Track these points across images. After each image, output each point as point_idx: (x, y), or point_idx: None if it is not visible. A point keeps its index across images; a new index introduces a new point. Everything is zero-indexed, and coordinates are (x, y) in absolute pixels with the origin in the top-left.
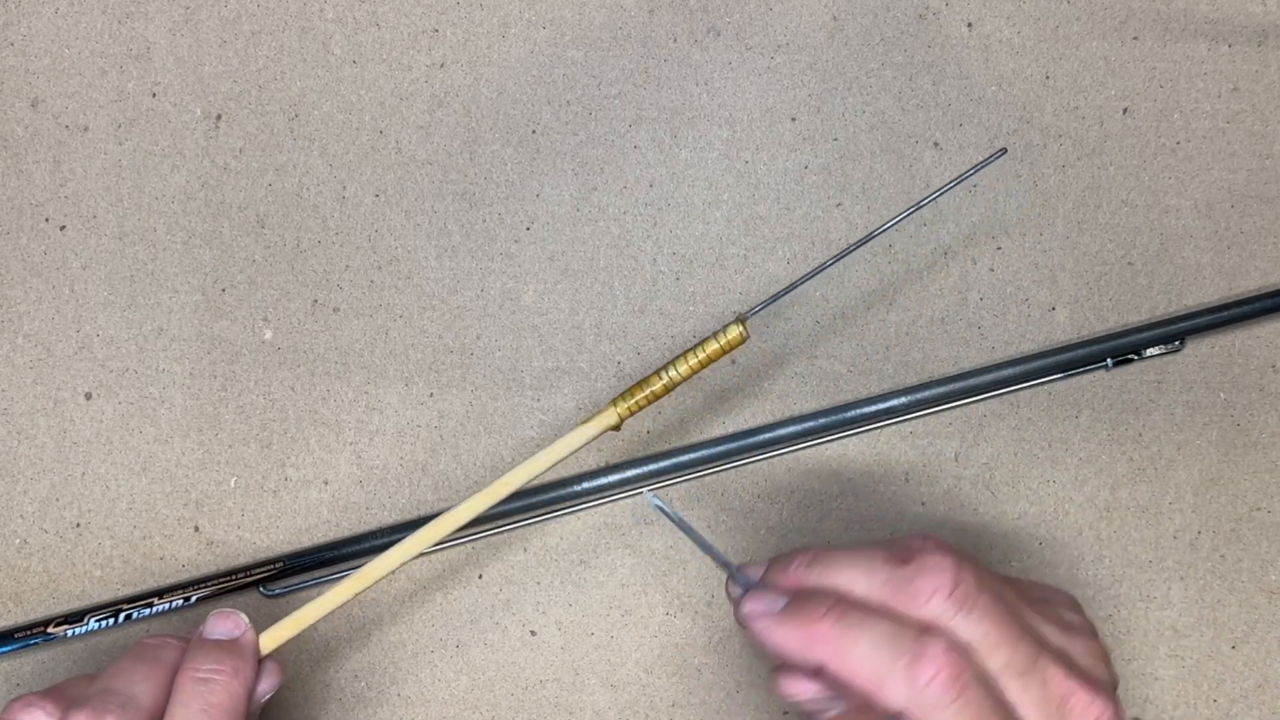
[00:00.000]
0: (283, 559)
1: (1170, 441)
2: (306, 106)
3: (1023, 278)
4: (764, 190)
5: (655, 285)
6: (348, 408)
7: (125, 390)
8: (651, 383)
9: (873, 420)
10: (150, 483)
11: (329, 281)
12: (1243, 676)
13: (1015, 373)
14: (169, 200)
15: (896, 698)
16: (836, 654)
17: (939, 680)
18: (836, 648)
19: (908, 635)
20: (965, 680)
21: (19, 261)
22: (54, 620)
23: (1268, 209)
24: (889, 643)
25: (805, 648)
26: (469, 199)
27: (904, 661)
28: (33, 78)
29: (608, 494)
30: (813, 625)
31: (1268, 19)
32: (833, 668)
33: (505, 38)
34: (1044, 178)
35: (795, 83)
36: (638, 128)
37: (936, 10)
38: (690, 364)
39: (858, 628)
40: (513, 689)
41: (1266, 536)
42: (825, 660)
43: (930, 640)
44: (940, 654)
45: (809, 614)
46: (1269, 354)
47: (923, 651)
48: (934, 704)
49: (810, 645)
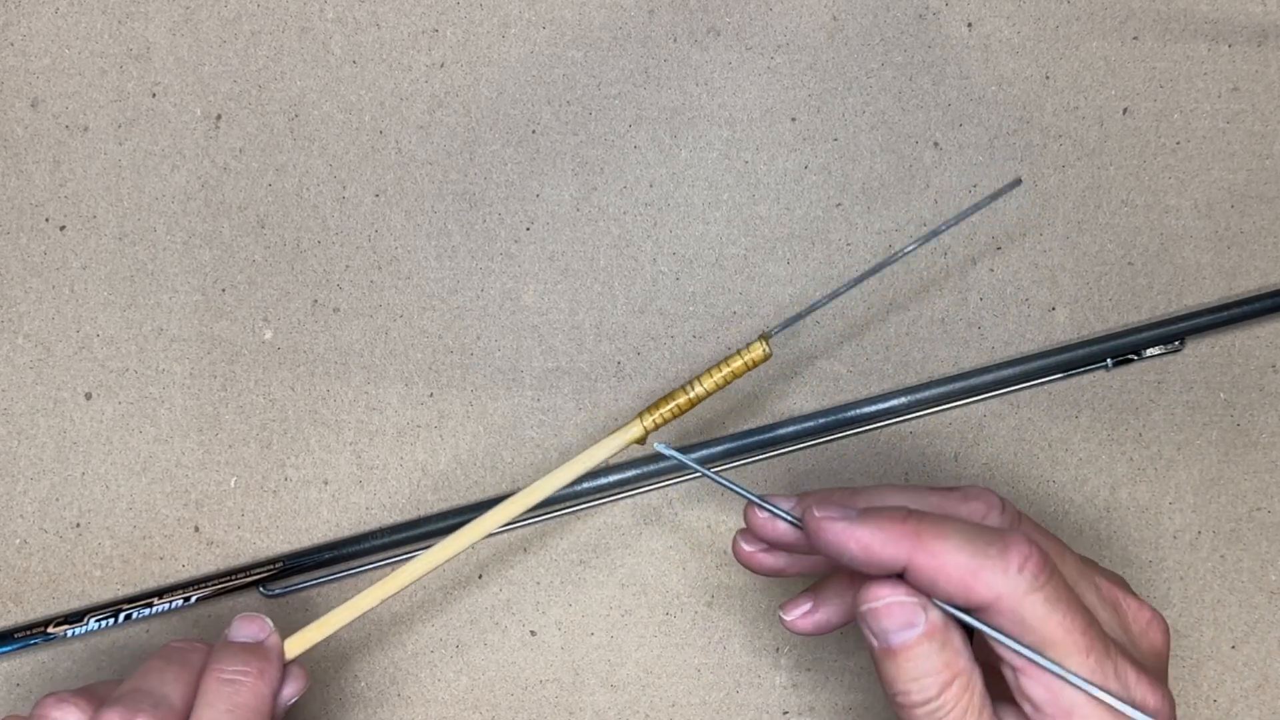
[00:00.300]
0: (283, 559)
1: (1170, 441)
2: (306, 106)
3: (1023, 278)
4: (764, 190)
5: (655, 285)
6: (348, 408)
7: (125, 390)
8: (676, 396)
9: (873, 420)
10: (150, 483)
11: (329, 281)
12: (1243, 676)
13: (1015, 373)
14: (169, 200)
15: (991, 586)
16: (926, 550)
17: (1031, 564)
18: (926, 544)
19: (990, 531)
20: (1052, 567)
21: (19, 261)
22: (54, 620)
23: (1268, 209)
24: (976, 535)
25: (892, 544)
26: (469, 199)
27: (995, 550)
28: (33, 78)
29: (608, 494)
30: (897, 525)
31: (1268, 19)
32: (923, 563)
33: (505, 38)
34: (1044, 178)
35: (795, 83)
36: (638, 128)
37: (936, 10)
38: (715, 379)
39: (944, 525)
40: (513, 689)
41: (1266, 536)
42: (913, 558)
43: (1012, 533)
44: (1025, 543)
45: (890, 516)
46: (1269, 354)
47: (1010, 542)
48: (1028, 588)
49: (897, 541)
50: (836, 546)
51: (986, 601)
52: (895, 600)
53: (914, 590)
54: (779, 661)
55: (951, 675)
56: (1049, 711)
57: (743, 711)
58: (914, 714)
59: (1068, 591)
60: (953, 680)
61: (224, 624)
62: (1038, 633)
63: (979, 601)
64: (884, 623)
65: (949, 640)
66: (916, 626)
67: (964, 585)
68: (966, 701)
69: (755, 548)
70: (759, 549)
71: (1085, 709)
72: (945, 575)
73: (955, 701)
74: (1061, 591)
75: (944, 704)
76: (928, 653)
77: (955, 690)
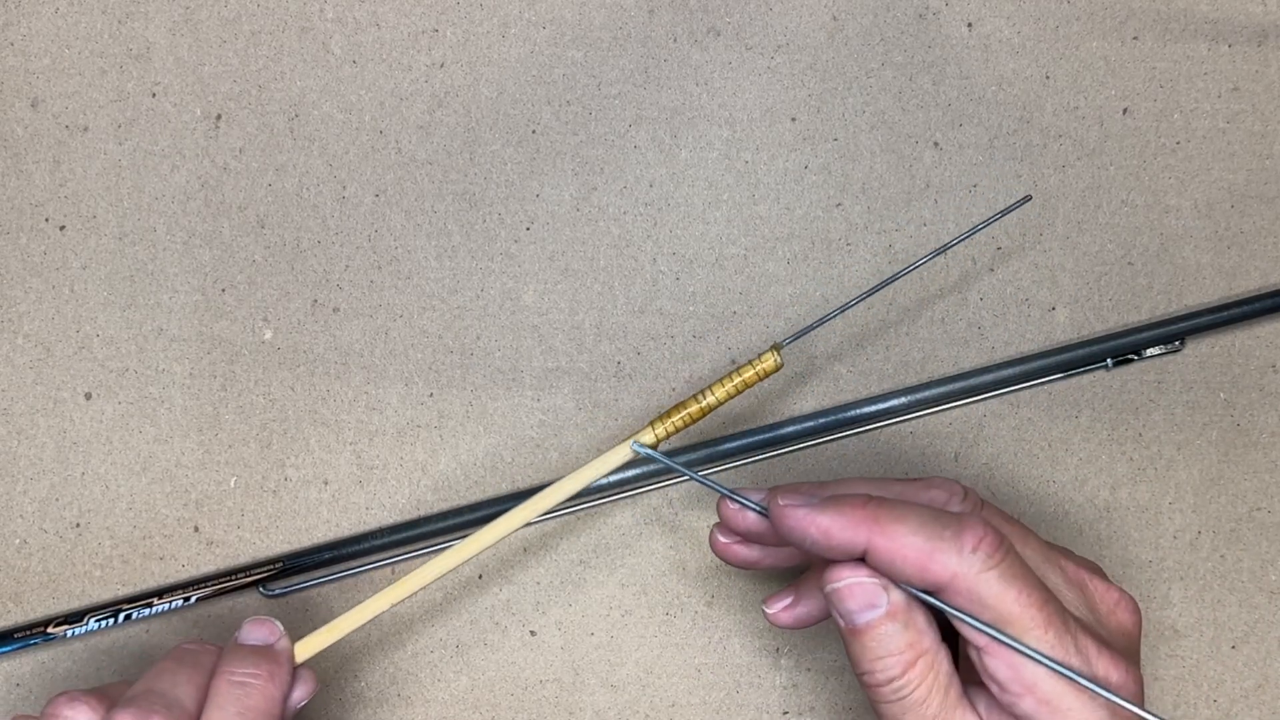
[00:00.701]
0: (283, 559)
1: (1170, 441)
2: (306, 106)
3: (1023, 278)
4: (764, 190)
5: (655, 285)
6: (348, 408)
7: (125, 390)
8: (688, 405)
9: (873, 420)
10: (150, 483)
11: (329, 281)
12: (1243, 676)
13: (1015, 373)
14: (169, 200)
15: (947, 566)
16: (884, 533)
17: (985, 544)
18: (884, 527)
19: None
20: (1007, 546)
21: (19, 261)
22: (54, 620)
23: (1268, 209)
24: (932, 519)
25: (850, 529)
26: (469, 199)
27: (949, 532)
28: (33, 78)
29: (608, 495)
30: (856, 510)
31: (1268, 19)
32: (880, 546)
33: (505, 38)
34: (1044, 178)
35: (795, 83)
36: (638, 128)
37: (936, 10)
38: (726, 389)
39: (901, 509)
40: (513, 689)
41: (1266, 536)
42: (871, 541)
43: (967, 516)
44: (980, 525)
45: (849, 502)
46: (1269, 354)
47: (965, 524)
48: (982, 567)
49: (855, 526)
50: (799, 532)
51: (943, 581)
52: (856, 581)
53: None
54: (779, 661)
55: (915, 655)
56: (1012, 689)
57: (743, 711)
58: (880, 692)
59: (1024, 569)
60: (916, 660)
61: (224, 624)
62: (994, 610)
63: (936, 581)
64: (848, 603)
65: (912, 621)
66: (879, 607)
67: (920, 566)
68: (931, 680)
69: (730, 539)
70: (734, 541)
71: (1046, 684)
72: (903, 557)
73: (920, 680)
74: (1017, 569)
75: (908, 682)
76: (891, 633)
77: (919, 669)
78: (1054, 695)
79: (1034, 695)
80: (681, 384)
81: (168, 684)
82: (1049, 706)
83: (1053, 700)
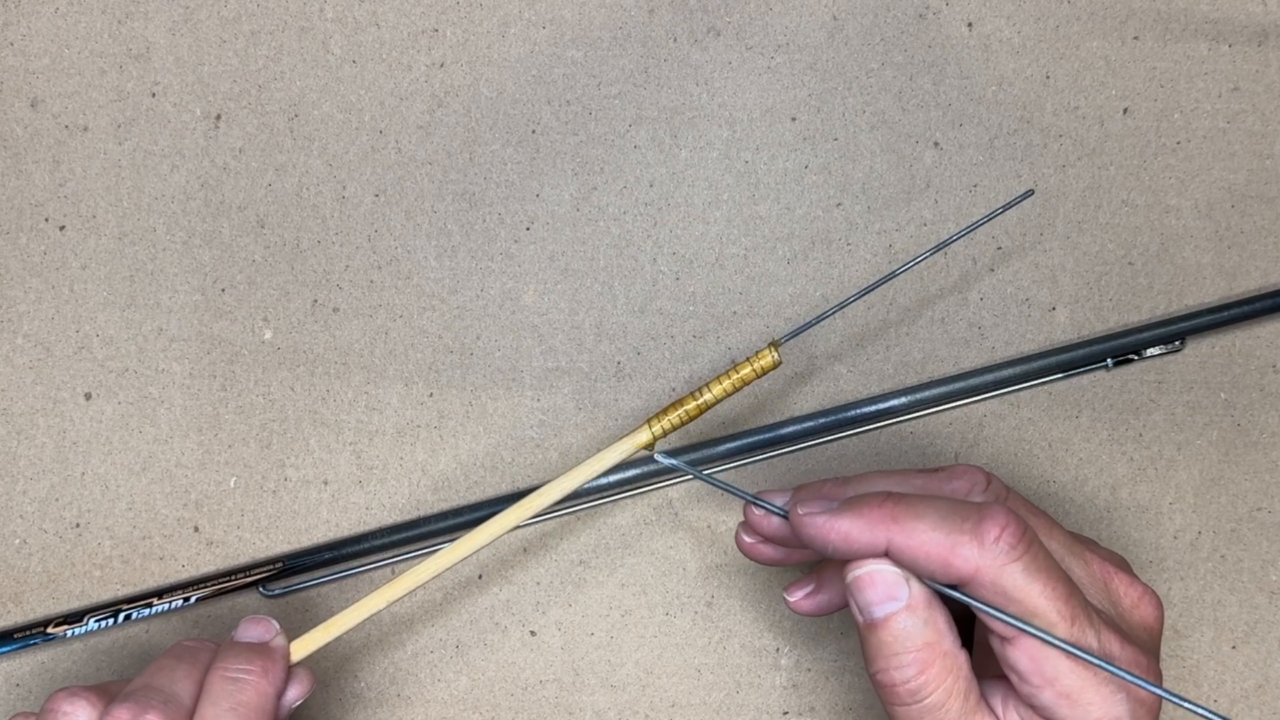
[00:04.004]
0: (282, 559)
1: (1170, 441)
2: (306, 106)
3: (1023, 278)
4: (764, 190)
5: (655, 285)
6: (348, 408)
7: (125, 390)
8: (685, 403)
9: (873, 420)
10: (150, 483)
11: (329, 281)
12: (1243, 676)
13: (1015, 373)
14: (169, 200)
15: (969, 560)
16: (904, 531)
17: (1007, 535)
18: (903, 525)
19: (967, 506)
20: (1030, 537)
21: (19, 261)
22: (53, 620)
23: (1268, 209)
24: (952, 512)
25: (870, 530)
26: (469, 199)
27: (970, 524)
28: (33, 78)
29: (608, 495)
30: (875, 510)
31: (1268, 19)
32: (901, 544)
33: (505, 38)
34: (1044, 178)
35: (795, 83)
36: (638, 128)
37: (936, 10)
38: (724, 386)
39: (920, 505)
40: (512, 689)
41: (1266, 536)
42: (892, 540)
43: (989, 506)
44: (1002, 515)
45: (868, 502)
46: (1269, 354)
47: (985, 515)
48: (1005, 559)
49: (874, 527)
50: (820, 540)
51: (966, 575)
52: (877, 569)
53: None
54: (779, 661)
55: (933, 655)
56: (1033, 680)
57: (743, 711)
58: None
59: (1049, 561)
60: (935, 660)
61: (224, 624)
62: (1019, 603)
63: (959, 576)
64: (867, 594)
65: (933, 619)
66: (899, 600)
67: (942, 561)
68: (950, 683)
69: (755, 539)
70: (759, 540)
71: (1068, 678)
72: (924, 553)
73: (939, 683)
74: (1042, 561)
75: (926, 683)
76: (909, 628)
77: (937, 670)
78: (1075, 689)
79: (1054, 688)
80: (681, 384)
81: (165, 679)
82: (1069, 700)
83: (1073, 694)
